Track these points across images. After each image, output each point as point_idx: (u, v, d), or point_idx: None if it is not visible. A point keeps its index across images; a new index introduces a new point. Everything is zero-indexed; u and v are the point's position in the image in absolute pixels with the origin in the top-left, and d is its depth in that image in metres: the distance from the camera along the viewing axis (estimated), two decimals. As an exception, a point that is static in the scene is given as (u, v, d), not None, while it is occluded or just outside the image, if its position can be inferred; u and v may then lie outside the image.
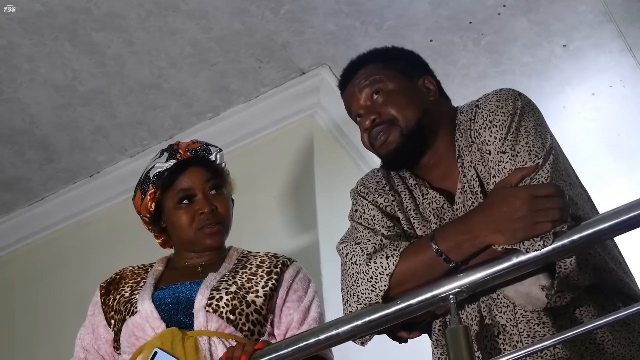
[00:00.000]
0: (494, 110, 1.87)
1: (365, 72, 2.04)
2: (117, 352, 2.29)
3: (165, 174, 2.38)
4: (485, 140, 1.86)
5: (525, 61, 3.61)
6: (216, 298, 2.19)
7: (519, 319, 1.78)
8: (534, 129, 1.84)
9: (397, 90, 2.00)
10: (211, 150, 2.44)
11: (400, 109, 1.97)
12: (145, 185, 2.41)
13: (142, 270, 2.42)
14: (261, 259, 2.34)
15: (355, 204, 2.03)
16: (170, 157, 2.40)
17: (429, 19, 3.41)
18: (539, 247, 1.67)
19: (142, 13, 3.29)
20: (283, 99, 3.62)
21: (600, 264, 1.80)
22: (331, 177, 3.51)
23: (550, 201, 1.67)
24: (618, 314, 1.63)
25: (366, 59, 2.08)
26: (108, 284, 2.39)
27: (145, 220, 2.46)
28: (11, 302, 3.97)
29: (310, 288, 2.33)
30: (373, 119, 1.98)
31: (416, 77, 2.04)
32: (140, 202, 2.41)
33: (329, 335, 1.87)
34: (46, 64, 3.44)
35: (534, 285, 1.76)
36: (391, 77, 2.01)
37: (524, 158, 1.79)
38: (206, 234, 2.35)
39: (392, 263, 1.81)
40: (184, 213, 2.36)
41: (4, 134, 3.71)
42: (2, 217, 4.08)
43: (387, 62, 2.05)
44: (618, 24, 3.47)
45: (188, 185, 2.37)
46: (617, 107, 3.87)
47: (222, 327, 2.16)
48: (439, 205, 1.94)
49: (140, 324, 2.19)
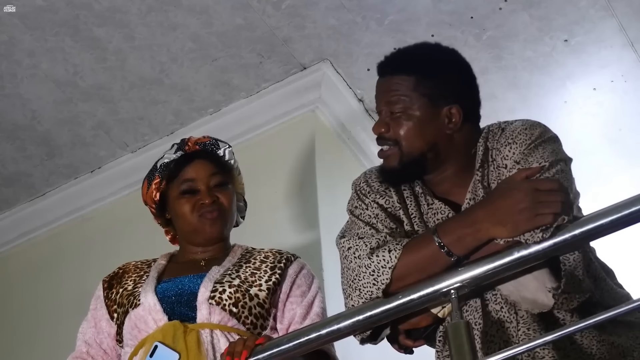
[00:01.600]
0: (520, 132, 1.88)
1: (396, 83, 1.98)
2: (119, 344, 2.30)
3: (171, 165, 2.40)
4: (504, 155, 1.87)
5: (527, 56, 3.61)
6: (219, 291, 2.19)
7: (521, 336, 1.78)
8: (551, 148, 1.85)
9: (414, 117, 1.95)
10: (220, 145, 2.45)
11: (408, 136, 1.95)
12: (152, 175, 2.43)
13: (145, 264, 2.42)
14: (265, 255, 2.34)
15: (357, 199, 2.03)
16: (179, 149, 2.43)
17: (430, 13, 3.40)
18: (538, 238, 1.67)
19: (143, 8, 3.29)
20: (284, 94, 3.62)
21: (597, 274, 1.81)
22: (333, 172, 3.51)
23: (552, 194, 1.68)
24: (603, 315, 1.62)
25: (406, 66, 2.01)
26: (111, 278, 2.39)
27: (152, 212, 2.48)
28: (12, 297, 3.97)
29: (314, 284, 2.33)
30: (382, 131, 1.98)
31: (442, 105, 1.96)
32: (147, 192, 2.44)
33: (330, 330, 1.87)
34: (47, 59, 3.44)
35: (540, 291, 1.75)
36: (415, 101, 1.96)
37: (532, 162, 1.80)
38: (206, 219, 2.34)
39: (394, 256, 1.81)
40: (186, 202, 2.37)
41: (5, 130, 3.71)
42: (4, 212, 4.08)
43: (420, 79, 1.97)
44: (619, 18, 3.46)
45: (192, 176, 2.38)
46: (618, 102, 3.87)
47: (224, 320, 2.16)
48: (444, 215, 1.94)
49: (143, 316, 2.19)
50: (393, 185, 2.01)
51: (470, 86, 2.04)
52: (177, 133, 3.72)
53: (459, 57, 2.07)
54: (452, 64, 2.03)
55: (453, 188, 1.97)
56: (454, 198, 1.96)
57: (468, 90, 2.03)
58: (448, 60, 2.05)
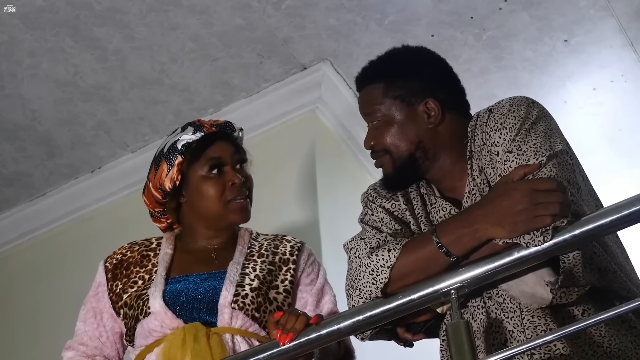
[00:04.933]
0: (506, 114, 1.87)
1: (367, 95, 2.04)
2: (130, 343, 2.23)
3: (193, 145, 2.33)
4: (495, 141, 1.86)
5: (527, 56, 3.61)
6: (242, 295, 2.15)
7: (526, 324, 1.78)
8: (543, 132, 1.83)
9: (393, 121, 1.98)
10: (234, 127, 2.42)
11: (393, 141, 1.98)
12: (171, 155, 2.34)
13: (149, 249, 2.34)
14: (275, 244, 2.32)
15: (365, 207, 2.06)
16: (197, 131, 2.35)
17: (430, 14, 3.41)
18: (539, 242, 1.67)
19: (144, 8, 3.30)
20: (284, 94, 3.62)
21: (605, 266, 1.80)
22: (333, 172, 3.51)
23: (550, 195, 1.68)
24: (614, 311, 1.62)
25: (372, 75, 2.05)
26: (114, 267, 2.32)
27: (157, 199, 2.36)
28: (13, 297, 3.97)
29: (321, 270, 2.33)
30: (372, 144, 2.02)
31: (417, 102, 1.99)
32: (165, 174, 2.33)
33: (330, 330, 1.87)
34: (48, 59, 3.45)
35: (538, 285, 1.75)
36: (389, 106, 2.00)
37: (529, 157, 1.79)
38: (234, 207, 2.30)
39: (393, 256, 1.82)
40: (214, 184, 2.30)
41: (5, 130, 3.71)
42: (4, 212, 4.09)
43: (389, 84, 2.01)
44: (619, 18, 3.47)
45: (218, 155, 2.33)
46: (618, 102, 3.87)
47: (246, 325, 2.13)
48: (446, 212, 1.94)
49: (156, 325, 2.14)
50: (394, 191, 2.03)
51: (442, 77, 2.05)
52: (177, 133, 3.73)
53: (426, 53, 2.10)
54: (417, 62, 2.06)
55: (454, 183, 1.97)
56: (457, 194, 1.97)
57: (441, 81, 2.04)
58: (413, 58, 2.08)
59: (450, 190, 1.98)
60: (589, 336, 1.75)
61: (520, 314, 1.79)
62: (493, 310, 1.83)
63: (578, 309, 1.78)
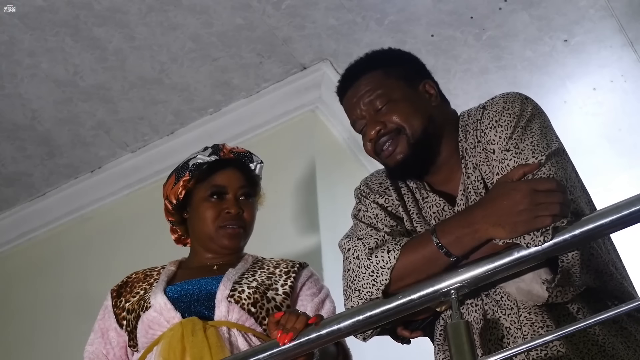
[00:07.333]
0: (500, 111, 1.87)
1: (366, 82, 2.00)
2: (134, 349, 2.28)
3: (204, 167, 2.40)
4: (491, 139, 1.86)
5: (527, 56, 3.61)
6: (238, 290, 2.20)
7: (523, 321, 1.78)
8: (539, 130, 1.84)
9: (401, 99, 1.97)
10: (253, 159, 2.47)
11: (406, 117, 1.94)
12: (182, 171, 2.43)
13: (154, 271, 2.42)
14: (277, 262, 2.37)
15: (359, 203, 2.04)
16: (213, 154, 2.43)
17: (430, 13, 3.41)
18: (539, 242, 1.67)
19: (144, 8, 3.30)
20: (284, 94, 3.62)
21: (602, 267, 1.81)
22: (332, 171, 3.52)
23: (550, 196, 1.68)
24: (614, 311, 1.63)
25: (366, 67, 2.05)
26: (119, 287, 2.39)
27: (168, 209, 2.45)
28: (12, 297, 3.97)
29: (324, 288, 2.36)
30: (379, 130, 1.96)
31: (417, 83, 2.01)
32: (172, 187, 2.42)
33: (330, 330, 1.87)
34: (47, 59, 3.45)
35: (535, 282, 1.76)
36: (394, 86, 1.98)
37: (527, 156, 1.79)
38: (226, 233, 2.36)
39: (393, 257, 1.81)
40: (211, 207, 2.37)
41: (5, 129, 3.71)
42: (4, 212, 4.09)
43: (387, 69, 2.01)
44: (619, 18, 3.47)
45: (223, 183, 2.39)
46: (618, 102, 3.87)
47: (242, 319, 2.17)
48: (440, 208, 1.94)
49: (155, 317, 2.19)
50: (405, 179, 2.00)
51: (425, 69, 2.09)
52: (177, 133, 3.73)
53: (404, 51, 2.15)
54: (403, 54, 2.12)
55: (450, 175, 1.96)
56: (450, 187, 1.96)
57: (426, 71, 2.08)
58: (398, 52, 2.14)
59: (444, 183, 1.97)
60: (583, 334, 1.76)
61: (517, 311, 1.80)
62: (490, 307, 1.83)
63: (573, 306, 1.79)
